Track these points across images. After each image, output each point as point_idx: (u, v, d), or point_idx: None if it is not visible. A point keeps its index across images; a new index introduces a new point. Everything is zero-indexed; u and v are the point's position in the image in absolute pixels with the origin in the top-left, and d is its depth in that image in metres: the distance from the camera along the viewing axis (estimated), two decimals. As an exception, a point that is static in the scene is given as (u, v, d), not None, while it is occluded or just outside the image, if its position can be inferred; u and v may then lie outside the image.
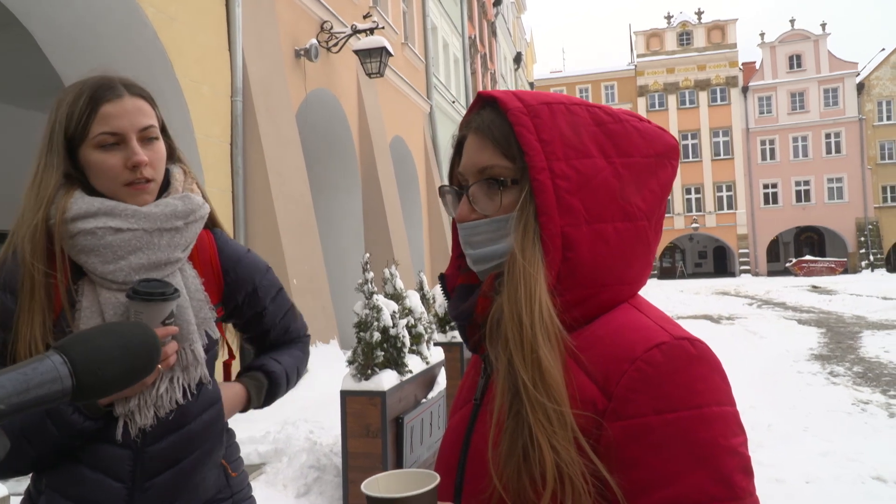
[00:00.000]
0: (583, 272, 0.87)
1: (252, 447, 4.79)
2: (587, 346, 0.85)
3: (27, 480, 1.41)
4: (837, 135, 43.50)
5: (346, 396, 3.89)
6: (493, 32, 27.76)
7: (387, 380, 3.92)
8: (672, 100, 46.14)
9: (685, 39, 46.38)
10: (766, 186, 44.59)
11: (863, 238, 42.14)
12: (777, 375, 8.90)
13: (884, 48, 44.36)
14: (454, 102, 18.95)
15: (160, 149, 1.38)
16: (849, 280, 33.03)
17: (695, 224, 44.67)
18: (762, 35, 44.84)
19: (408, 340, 4.17)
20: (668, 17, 46.75)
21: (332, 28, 9.93)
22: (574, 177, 0.87)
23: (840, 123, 43.35)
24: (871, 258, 41.65)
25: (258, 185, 7.33)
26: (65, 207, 1.30)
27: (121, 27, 5.92)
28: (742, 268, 43.59)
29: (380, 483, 0.86)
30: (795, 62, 44.30)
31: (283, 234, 7.39)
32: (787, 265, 42.39)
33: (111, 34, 5.94)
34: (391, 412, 3.92)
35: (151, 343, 0.91)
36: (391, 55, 10.40)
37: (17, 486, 2.59)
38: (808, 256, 42.80)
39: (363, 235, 11.24)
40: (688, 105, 45.98)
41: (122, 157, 1.32)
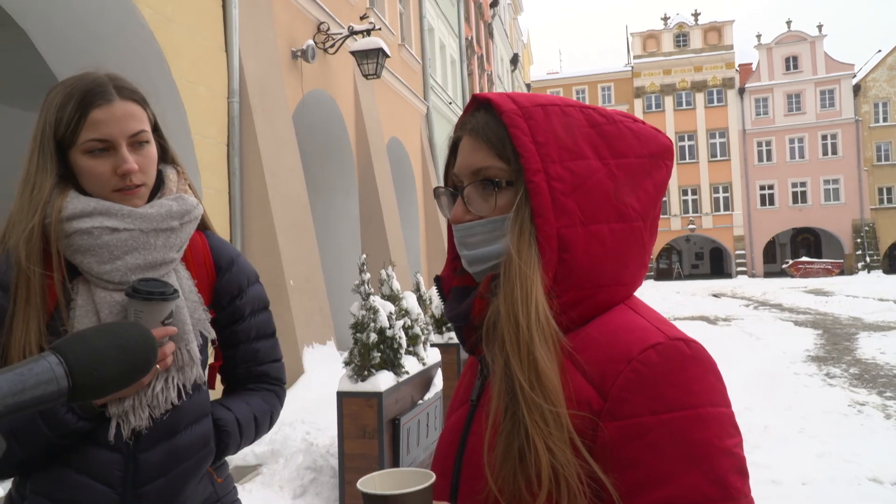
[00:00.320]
0: (579, 273, 0.87)
1: (248, 448, 4.79)
2: (583, 347, 0.86)
3: (8, 483, 1.37)
4: (834, 136, 43.59)
5: (343, 397, 3.90)
6: (490, 34, 27.77)
7: (383, 381, 3.92)
8: (669, 101, 46.19)
9: (682, 41, 46.44)
10: (763, 188, 44.66)
11: (859, 239, 42.22)
12: (773, 377, 8.91)
13: (880, 50, 44.56)
14: (451, 104, 18.94)
15: (151, 153, 1.37)
16: (845, 281, 33.09)
17: (691, 225, 44.73)
18: (758, 36, 44.93)
19: (404, 341, 4.17)
20: (665, 19, 46.80)
21: (329, 29, 9.93)
22: (569, 178, 0.87)
23: (836, 125, 43.44)
24: (868, 260, 41.72)
25: (255, 186, 7.32)
26: (61, 207, 1.29)
27: (117, 27, 5.90)
28: (738, 269, 43.64)
29: (375, 481, 0.86)
30: (792, 64, 44.39)
31: (280, 235, 7.38)
32: (784, 266, 42.45)
33: (107, 34, 5.93)
34: (388, 413, 3.92)
35: (148, 343, 0.91)
36: (388, 56, 10.40)
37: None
38: (805, 258, 42.83)
39: (360, 236, 11.23)
40: (684, 106, 46.04)
41: (112, 164, 1.31)
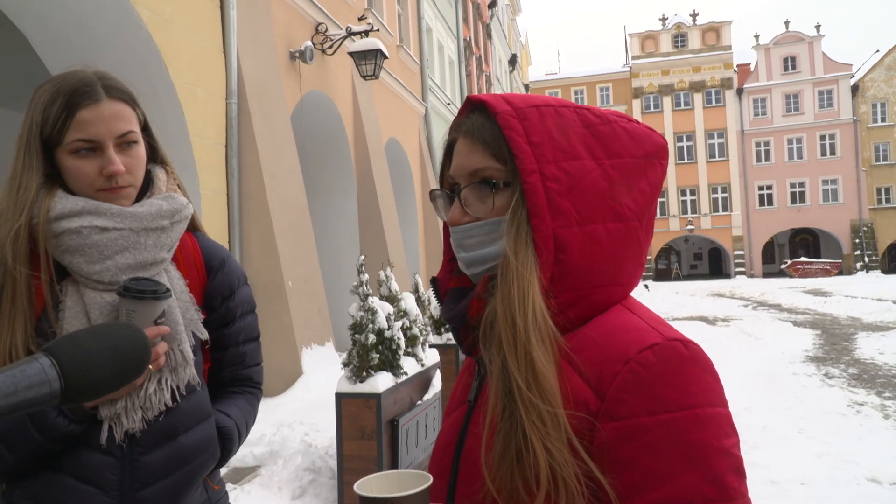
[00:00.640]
0: (575, 274, 0.87)
1: (247, 449, 4.78)
2: (580, 348, 0.85)
3: None
4: (832, 136, 43.67)
5: (342, 399, 3.89)
6: (489, 34, 27.78)
7: (382, 382, 3.91)
8: (667, 102, 46.26)
9: (680, 41, 46.51)
10: (761, 188, 44.73)
11: (857, 240, 42.30)
12: (772, 377, 8.91)
13: (878, 50, 44.67)
14: (449, 104, 18.95)
15: (139, 153, 1.35)
16: (844, 282, 33.12)
17: (690, 226, 44.79)
18: (757, 37, 45.00)
19: (403, 342, 4.16)
20: (663, 19, 46.87)
21: (327, 30, 9.93)
22: (564, 179, 0.87)
23: (835, 125, 43.53)
24: (866, 260, 41.80)
25: (253, 188, 7.32)
26: (49, 207, 1.27)
27: (115, 29, 5.90)
28: (737, 269, 43.70)
29: (372, 483, 0.86)
30: (790, 64, 44.47)
31: (279, 236, 7.38)
32: (783, 267, 42.53)
33: (105, 35, 5.92)
34: (386, 414, 3.91)
35: (141, 344, 0.91)
36: (386, 57, 10.41)
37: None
38: (804, 258, 42.91)
39: (358, 237, 11.23)
40: (683, 107, 46.11)
41: (98, 165, 1.29)
